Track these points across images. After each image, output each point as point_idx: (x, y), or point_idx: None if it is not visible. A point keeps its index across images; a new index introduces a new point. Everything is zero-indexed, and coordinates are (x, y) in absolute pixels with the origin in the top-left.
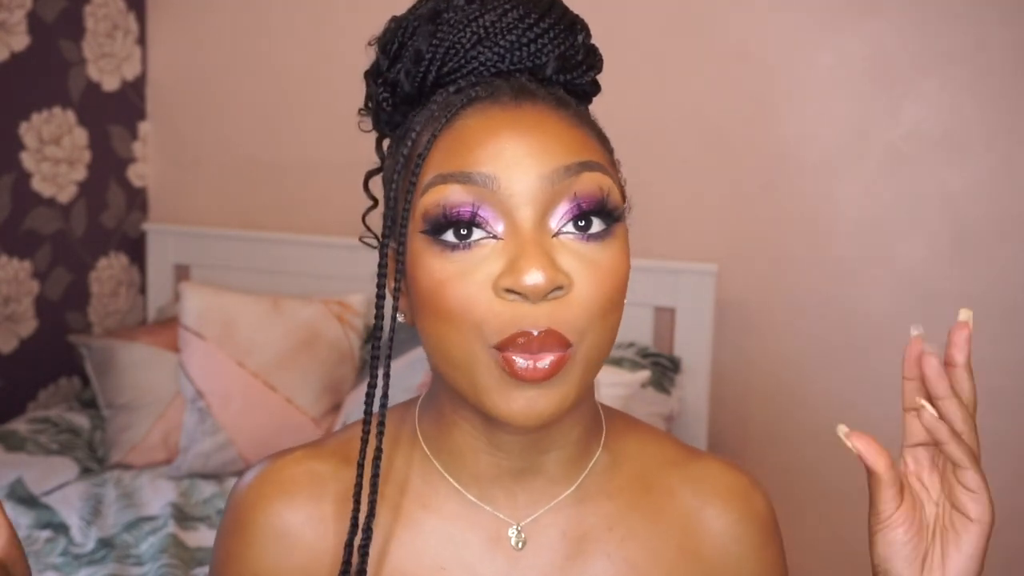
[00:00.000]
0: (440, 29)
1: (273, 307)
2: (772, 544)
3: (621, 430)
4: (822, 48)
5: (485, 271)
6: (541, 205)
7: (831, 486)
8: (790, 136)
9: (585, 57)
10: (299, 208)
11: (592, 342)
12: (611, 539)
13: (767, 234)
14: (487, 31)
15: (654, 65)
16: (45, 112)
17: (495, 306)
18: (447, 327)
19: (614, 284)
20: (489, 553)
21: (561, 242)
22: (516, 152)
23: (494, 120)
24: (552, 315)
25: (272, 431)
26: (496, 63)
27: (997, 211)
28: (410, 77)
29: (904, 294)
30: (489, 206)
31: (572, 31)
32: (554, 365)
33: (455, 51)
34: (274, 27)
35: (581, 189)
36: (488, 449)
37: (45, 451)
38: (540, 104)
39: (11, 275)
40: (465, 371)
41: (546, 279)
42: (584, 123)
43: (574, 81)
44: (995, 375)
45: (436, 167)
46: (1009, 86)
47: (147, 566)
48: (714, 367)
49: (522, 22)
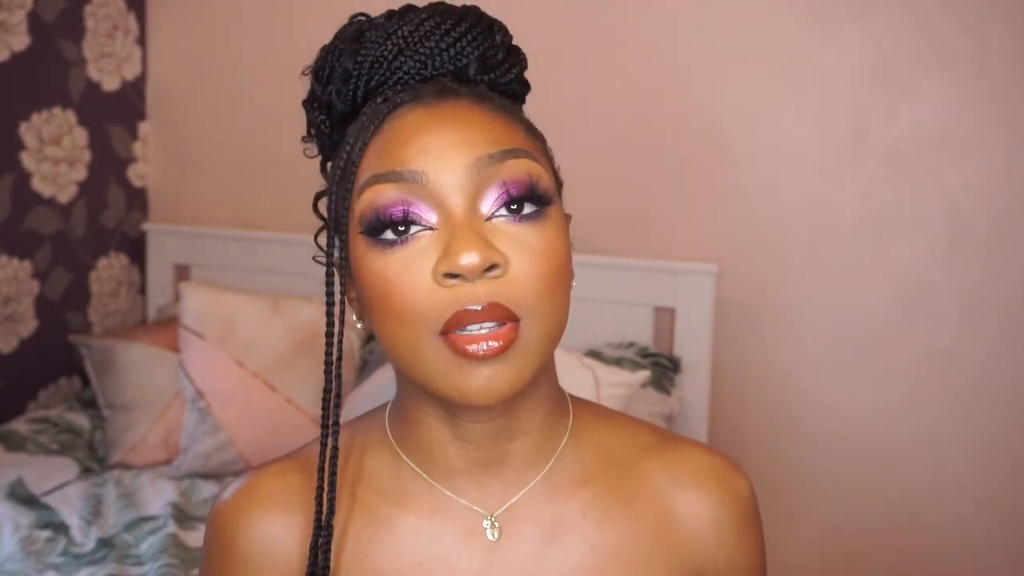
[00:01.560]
0: (363, 47)
1: (273, 307)
2: (751, 527)
3: (588, 418)
4: (822, 48)
5: (424, 262)
6: (470, 193)
7: (830, 486)
8: (790, 136)
9: (506, 56)
10: (299, 208)
11: (541, 321)
12: (586, 524)
13: (767, 234)
14: (406, 41)
15: (654, 65)
16: (45, 112)
17: (436, 293)
18: (394, 323)
19: (553, 263)
20: (465, 546)
21: (494, 225)
22: (441, 145)
23: (419, 119)
24: (493, 291)
25: (272, 431)
26: (419, 70)
27: (997, 211)
28: (341, 96)
29: (904, 294)
30: (420, 200)
31: (490, 32)
32: (505, 340)
33: (378, 64)
34: (274, 27)
35: (508, 175)
36: (455, 441)
37: (45, 451)
38: (463, 100)
39: (11, 275)
40: (416, 363)
41: (480, 257)
42: (508, 114)
43: (498, 80)
44: (995, 375)
45: (369, 170)
46: (1009, 86)
47: (147, 566)
48: (714, 367)
49: (439, 28)
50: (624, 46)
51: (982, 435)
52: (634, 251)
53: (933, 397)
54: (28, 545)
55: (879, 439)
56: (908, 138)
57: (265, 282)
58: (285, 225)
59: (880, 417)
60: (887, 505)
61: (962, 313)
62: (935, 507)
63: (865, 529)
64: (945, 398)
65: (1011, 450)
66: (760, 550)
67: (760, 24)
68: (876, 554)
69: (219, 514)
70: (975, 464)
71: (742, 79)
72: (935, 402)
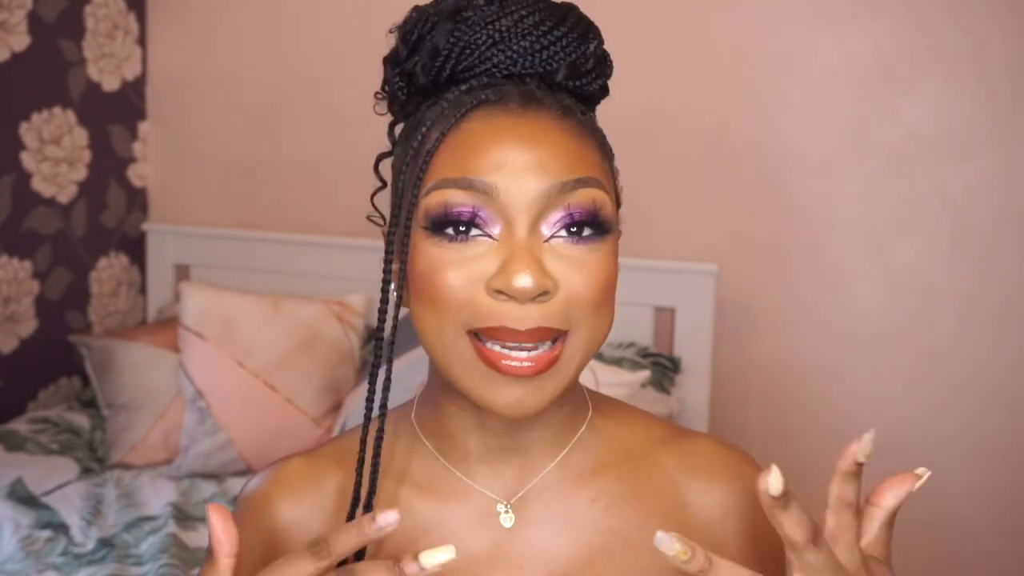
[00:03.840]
0: (459, 28)
1: (273, 307)
2: (764, 517)
3: (606, 410)
4: (822, 48)
5: (478, 267)
6: (536, 214)
7: (830, 485)
8: (790, 136)
9: (595, 65)
10: (299, 208)
11: (585, 334)
12: (595, 510)
13: (767, 234)
14: (503, 34)
15: (654, 65)
16: (45, 112)
17: (482, 298)
18: (430, 311)
19: (601, 282)
20: (478, 530)
21: (551, 246)
22: (517, 165)
23: (500, 127)
24: (542, 315)
25: (272, 431)
26: (509, 66)
27: (997, 211)
28: (426, 71)
29: (904, 294)
30: (487, 210)
31: (585, 39)
32: (546, 361)
33: (471, 51)
34: (274, 27)
35: (575, 201)
36: (475, 428)
37: (45, 451)
38: (545, 113)
39: (11, 275)
40: (446, 360)
41: (534, 283)
42: (587, 133)
43: (583, 88)
44: (995, 375)
45: (441, 168)
46: (1009, 86)
47: (147, 566)
48: (714, 367)
49: (538, 28)
50: (624, 46)
51: (982, 435)
52: (634, 251)
53: (933, 396)
54: (28, 545)
55: (878, 438)
56: (908, 138)
57: (265, 282)
58: (285, 225)
59: (880, 417)
60: None
61: (962, 313)
62: (935, 507)
63: None
64: (945, 397)
65: (1011, 450)
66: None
67: (760, 24)
68: None
69: (246, 499)
70: (975, 464)
71: (742, 79)
72: (935, 401)
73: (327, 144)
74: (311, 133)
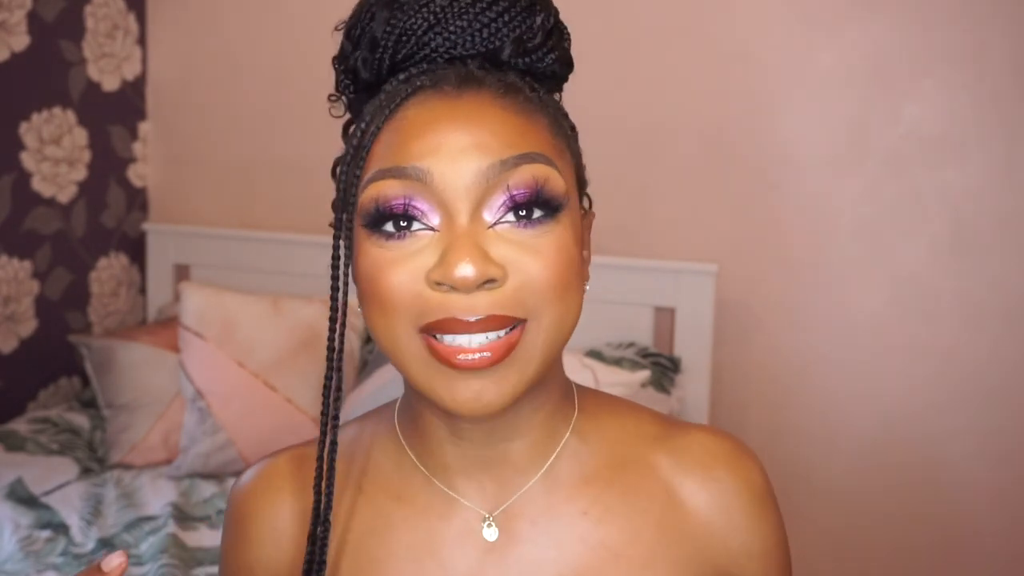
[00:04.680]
0: (395, 15)
1: (273, 307)
2: (763, 511)
3: (593, 410)
4: (822, 48)
5: (420, 262)
6: (475, 199)
7: (830, 486)
8: (790, 136)
9: (545, 39)
10: (299, 208)
11: (548, 323)
12: (586, 523)
13: (767, 234)
14: (438, 16)
15: (654, 65)
16: (45, 112)
17: (426, 294)
18: (379, 313)
19: (558, 265)
20: (461, 545)
21: (497, 232)
22: (453, 147)
23: (434, 111)
24: (492, 303)
25: (272, 431)
26: (449, 49)
27: (997, 211)
28: (367, 65)
29: (904, 294)
30: (423, 199)
31: (531, 12)
32: (502, 350)
33: (407, 37)
34: (274, 27)
35: (514, 181)
36: (451, 439)
37: (45, 451)
38: (484, 92)
39: (11, 275)
40: (398, 359)
41: (476, 271)
42: (536, 110)
43: (534, 64)
44: (995, 375)
45: (377, 160)
46: (1008, 87)
47: (147, 566)
48: (714, 367)
49: (475, 5)
50: (624, 46)
51: (982, 434)
52: (634, 251)
53: (933, 396)
54: (28, 545)
55: (879, 439)
56: (908, 138)
57: (265, 282)
58: (285, 225)
59: (880, 417)
60: (887, 504)
61: (962, 313)
62: (936, 506)
63: (865, 528)
64: (945, 397)
65: (1011, 449)
66: (777, 533)
67: (760, 24)
68: (877, 553)
69: (235, 495)
70: (975, 463)
71: (742, 79)
72: (935, 401)
73: (327, 144)
74: (311, 133)
